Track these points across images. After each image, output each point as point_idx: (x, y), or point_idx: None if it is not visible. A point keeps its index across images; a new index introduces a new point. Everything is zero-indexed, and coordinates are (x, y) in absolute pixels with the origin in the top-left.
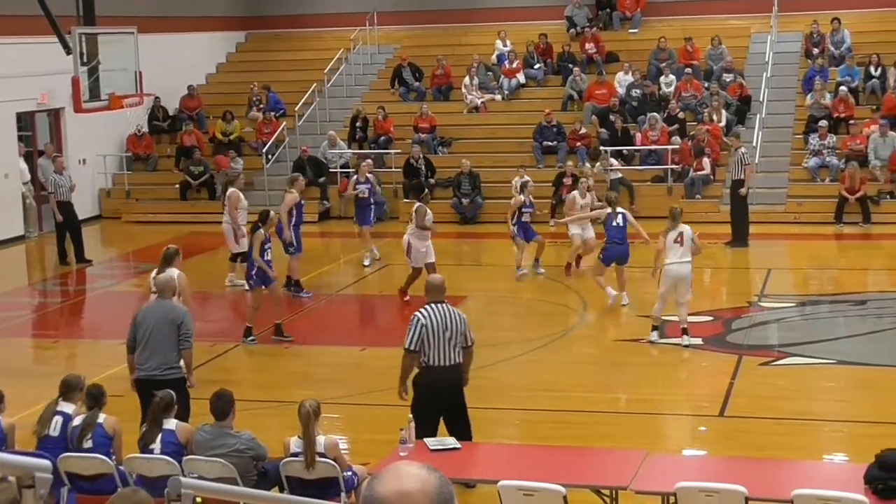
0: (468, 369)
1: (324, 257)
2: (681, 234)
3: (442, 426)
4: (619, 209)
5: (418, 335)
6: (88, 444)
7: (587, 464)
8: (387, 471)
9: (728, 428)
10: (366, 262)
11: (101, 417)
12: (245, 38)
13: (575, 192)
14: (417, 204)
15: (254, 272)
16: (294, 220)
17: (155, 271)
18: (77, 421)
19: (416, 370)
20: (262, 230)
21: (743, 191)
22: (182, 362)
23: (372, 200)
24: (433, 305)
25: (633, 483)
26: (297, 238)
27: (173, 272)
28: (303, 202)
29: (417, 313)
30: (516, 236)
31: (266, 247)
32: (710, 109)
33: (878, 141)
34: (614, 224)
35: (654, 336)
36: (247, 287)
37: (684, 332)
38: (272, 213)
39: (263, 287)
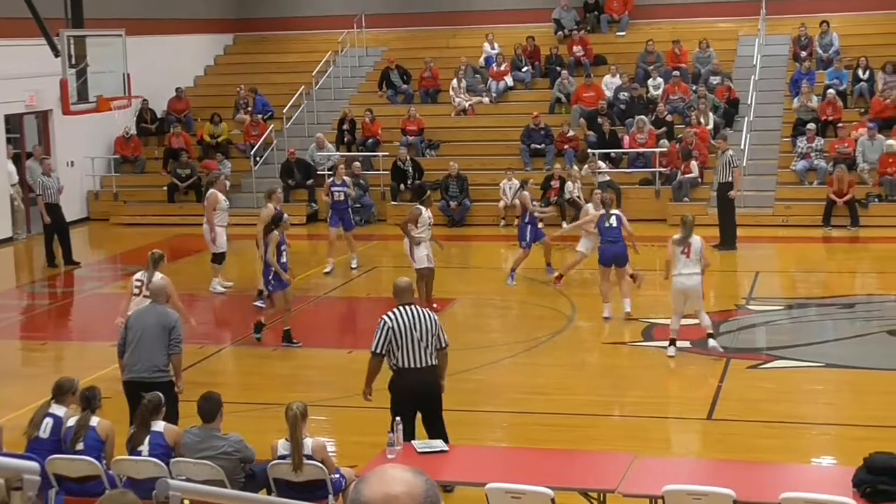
0: (444, 372)
1: (311, 259)
2: (689, 245)
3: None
4: (612, 210)
5: (385, 338)
6: (81, 446)
7: (575, 467)
8: (373, 474)
9: (716, 431)
10: (353, 265)
11: (96, 421)
12: (233, 40)
13: (589, 205)
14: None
15: (271, 276)
16: None
17: (140, 273)
18: (71, 422)
19: (391, 373)
20: (275, 232)
21: (733, 194)
22: (171, 366)
23: (349, 203)
24: (401, 308)
25: (621, 486)
26: None
27: (159, 275)
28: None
29: (384, 316)
30: (526, 247)
31: (282, 248)
32: (698, 112)
33: (867, 144)
34: (607, 225)
35: (672, 351)
36: (266, 291)
37: (710, 336)
38: (286, 215)
39: (282, 290)
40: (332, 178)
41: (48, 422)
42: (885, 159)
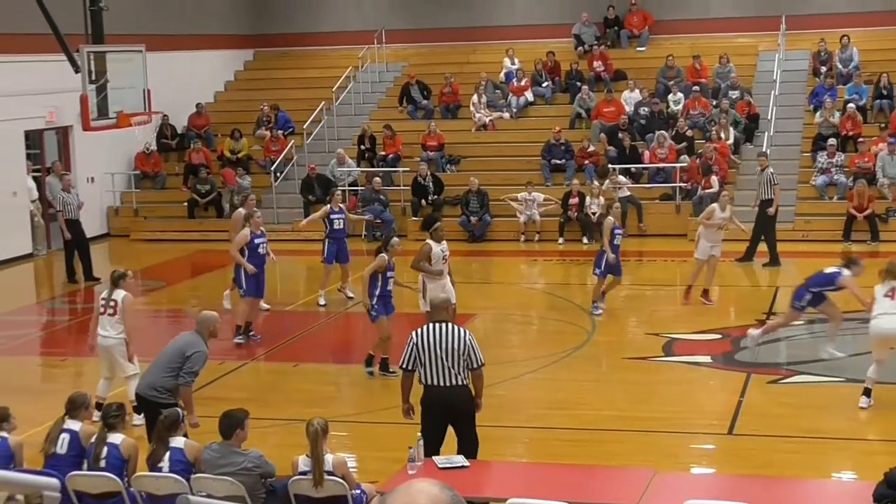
0: (480, 392)
1: (331, 275)
2: (892, 288)
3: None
4: (831, 268)
5: (410, 354)
6: (103, 463)
7: (596, 482)
8: (400, 488)
9: (737, 446)
10: (348, 294)
11: (119, 438)
12: (253, 56)
13: (714, 204)
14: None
15: (375, 301)
16: (246, 259)
17: (105, 292)
18: (94, 439)
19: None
20: (384, 255)
21: (771, 210)
22: (180, 390)
23: (347, 233)
24: (431, 325)
25: (642, 501)
26: (252, 281)
27: (120, 293)
28: (263, 242)
29: (413, 333)
30: (600, 275)
31: (388, 275)
32: (718, 127)
33: (887, 159)
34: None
35: (864, 402)
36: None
37: None
38: (395, 238)
39: (386, 316)
40: (328, 206)
41: (64, 437)
42: None
